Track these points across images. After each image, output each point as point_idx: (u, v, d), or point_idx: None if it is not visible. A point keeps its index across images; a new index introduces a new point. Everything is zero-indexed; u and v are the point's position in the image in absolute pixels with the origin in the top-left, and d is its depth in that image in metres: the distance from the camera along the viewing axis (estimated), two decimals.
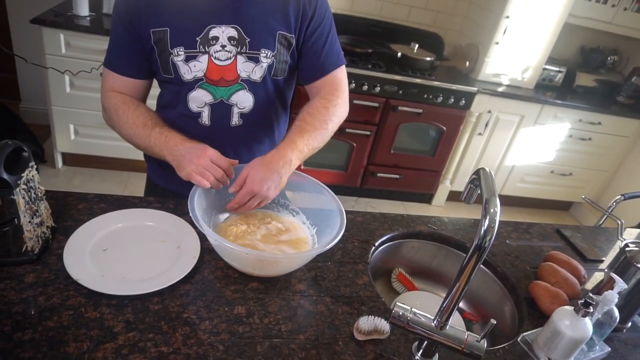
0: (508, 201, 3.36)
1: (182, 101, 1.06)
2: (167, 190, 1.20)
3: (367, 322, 0.85)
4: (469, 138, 2.97)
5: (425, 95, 2.69)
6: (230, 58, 1.00)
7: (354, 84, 2.56)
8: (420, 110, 2.72)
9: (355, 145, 2.80)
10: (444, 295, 1.23)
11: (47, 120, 2.50)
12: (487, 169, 0.81)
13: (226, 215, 1.04)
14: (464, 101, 2.74)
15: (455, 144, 2.96)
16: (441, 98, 2.70)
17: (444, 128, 2.85)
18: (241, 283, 0.91)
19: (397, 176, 2.99)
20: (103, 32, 2.22)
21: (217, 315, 0.82)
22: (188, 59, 0.99)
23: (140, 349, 0.73)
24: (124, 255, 0.90)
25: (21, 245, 0.82)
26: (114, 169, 2.71)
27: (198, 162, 0.94)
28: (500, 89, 2.85)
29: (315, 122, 1.02)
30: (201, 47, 0.98)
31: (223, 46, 0.98)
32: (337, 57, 1.10)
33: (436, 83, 2.66)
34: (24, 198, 0.79)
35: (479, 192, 0.80)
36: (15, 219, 0.79)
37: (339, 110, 1.07)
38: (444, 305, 0.79)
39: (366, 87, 2.58)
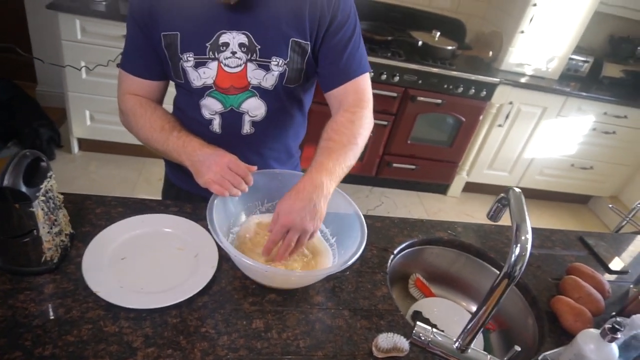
0: (525, 194, 3.28)
1: (194, 107, 1.03)
2: (183, 190, 1.19)
3: (387, 340, 0.84)
4: (489, 129, 2.90)
5: (446, 86, 2.62)
6: (240, 65, 0.96)
7: (372, 73, 2.49)
8: (440, 101, 2.65)
9: (371, 134, 2.75)
10: (462, 302, 1.23)
11: (63, 103, 2.49)
12: (518, 190, 0.78)
13: (245, 222, 1.03)
14: (485, 92, 2.67)
15: (474, 135, 2.90)
16: (462, 89, 2.63)
17: (463, 119, 2.78)
18: (259, 295, 0.90)
19: (413, 167, 2.95)
20: (119, 17, 2.19)
21: (235, 330, 0.82)
22: (197, 65, 0.96)
23: None
24: (142, 264, 0.90)
25: (40, 255, 0.81)
26: (129, 154, 2.71)
27: (216, 170, 0.92)
28: (523, 80, 2.76)
29: (342, 139, 0.95)
30: (211, 53, 0.94)
31: (233, 53, 0.94)
32: (360, 64, 1.01)
33: (457, 73, 2.59)
34: (42, 209, 0.79)
35: (507, 212, 0.78)
36: (35, 231, 0.78)
37: (366, 122, 1.00)
38: (468, 328, 0.76)
39: (385, 76, 2.52)
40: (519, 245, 0.67)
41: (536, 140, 2.97)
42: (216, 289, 0.89)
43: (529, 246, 0.68)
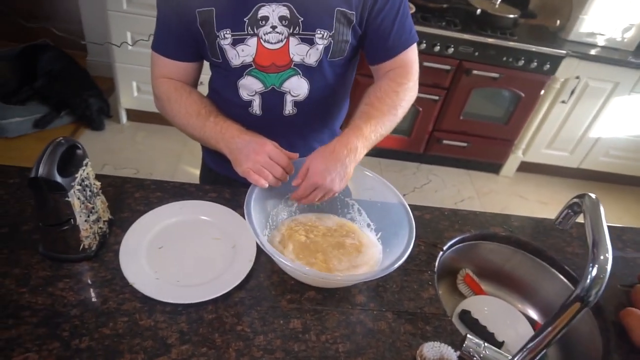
0: (586, 175, 3.06)
1: (231, 88, 0.97)
2: (221, 175, 1.15)
3: (433, 350, 0.77)
4: (550, 106, 2.67)
5: (505, 58, 2.41)
6: (281, 40, 0.88)
7: (424, 44, 2.34)
8: (497, 75, 2.46)
9: (421, 109, 2.62)
10: (516, 303, 1.14)
11: (112, 73, 2.51)
12: (594, 197, 0.67)
13: (285, 214, 0.98)
14: (548, 65, 2.44)
15: (533, 112, 2.68)
16: (523, 61, 2.41)
17: (522, 94, 2.57)
18: (298, 291, 0.85)
19: (465, 144, 2.78)
20: None
21: (272, 330, 0.78)
22: (236, 43, 0.89)
23: None
24: (179, 254, 0.87)
25: (78, 243, 0.80)
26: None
27: (255, 159, 0.87)
28: (593, 52, 2.50)
29: (383, 107, 0.91)
30: (249, 28, 0.87)
31: (274, 27, 0.87)
32: (409, 36, 0.96)
33: (518, 44, 2.37)
34: (79, 199, 0.77)
35: (583, 221, 0.67)
36: (71, 220, 0.77)
37: (409, 94, 0.96)
38: (528, 347, 0.68)
39: (438, 47, 2.35)
40: (596, 266, 0.58)
41: (604, 118, 2.71)
42: (253, 283, 0.85)
43: (608, 267, 0.58)
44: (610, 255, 0.59)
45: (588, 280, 0.58)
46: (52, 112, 2.43)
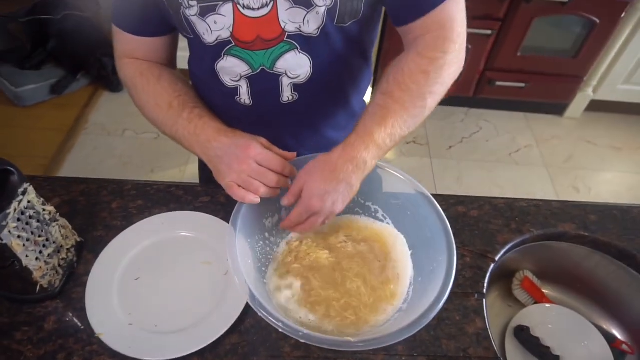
0: None
1: (210, 72, 0.74)
2: None
3: None
4: (632, 33, 2.20)
5: None
6: (267, 4, 0.63)
7: None
8: None
9: (470, 47, 2.24)
10: (591, 314, 0.91)
11: None
12: None
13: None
14: None
15: (609, 42, 2.23)
16: None
17: (597, 20, 2.12)
18: None
19: (522, 84, 2.40)
20: None
21: None
22: (205, 13, 0.65)
23: None
24: (159, 287, 0.71)
25: (35, 283, 0.66)
26: None
27: (240, 169, 0.66)
28: None
29: (405, 98, 0.65)
30: None
31: None
32: None
33: None
34: (19, 237, 0.61)
35: None
36: (16, 261, 0.62)
37: (447, 72, 0.67)
38: None
39: None
40: None
41: None
42: (249, 324, 0.68)
43: None
44: None
45: None
46: (68, 75, 2.30)
